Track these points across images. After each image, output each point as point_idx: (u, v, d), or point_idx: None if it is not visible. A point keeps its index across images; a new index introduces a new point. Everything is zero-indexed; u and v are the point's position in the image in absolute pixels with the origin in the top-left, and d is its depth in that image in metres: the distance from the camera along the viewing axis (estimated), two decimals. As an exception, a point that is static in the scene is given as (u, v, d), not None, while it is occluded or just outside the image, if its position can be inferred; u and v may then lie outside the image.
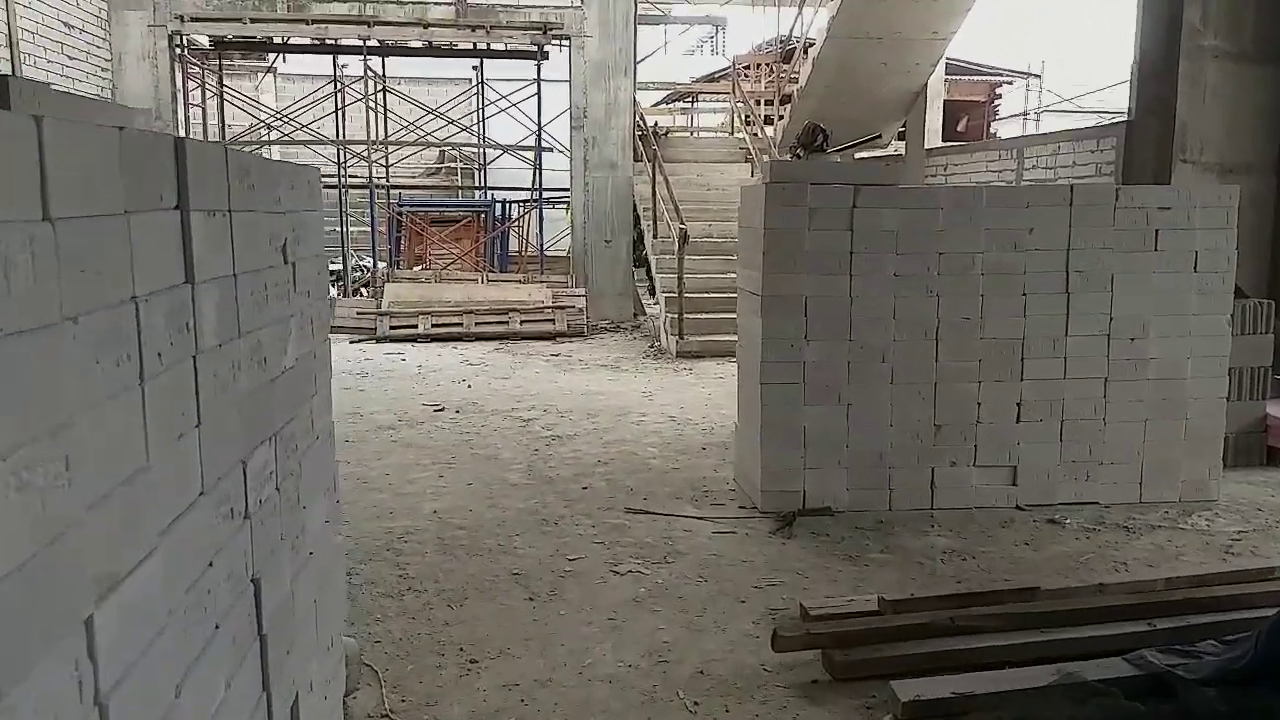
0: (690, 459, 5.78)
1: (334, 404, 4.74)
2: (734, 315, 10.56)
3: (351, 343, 10.69)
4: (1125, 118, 8.40)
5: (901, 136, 13.53)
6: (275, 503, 2.04)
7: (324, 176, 14.08)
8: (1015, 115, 18.62)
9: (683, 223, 9.84)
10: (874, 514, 4.73)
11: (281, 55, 22.50)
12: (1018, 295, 4.76)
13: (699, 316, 10.07)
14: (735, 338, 9.90)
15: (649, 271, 15.72)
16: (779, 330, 4.63)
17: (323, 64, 16.49)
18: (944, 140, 13.21)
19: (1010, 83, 18.67)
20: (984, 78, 18.52)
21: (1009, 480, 4.87)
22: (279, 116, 14.13)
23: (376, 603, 3.69)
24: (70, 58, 10.67)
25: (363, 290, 13.74)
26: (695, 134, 16.11)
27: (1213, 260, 4.81)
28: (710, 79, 16.74)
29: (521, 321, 11.07)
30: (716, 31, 25.93)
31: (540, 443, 6.18)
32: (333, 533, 2.76)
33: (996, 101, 19.26)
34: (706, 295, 10.40)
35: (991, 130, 18.58)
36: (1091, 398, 4.83)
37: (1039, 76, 19.25)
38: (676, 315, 9.77)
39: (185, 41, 13.37)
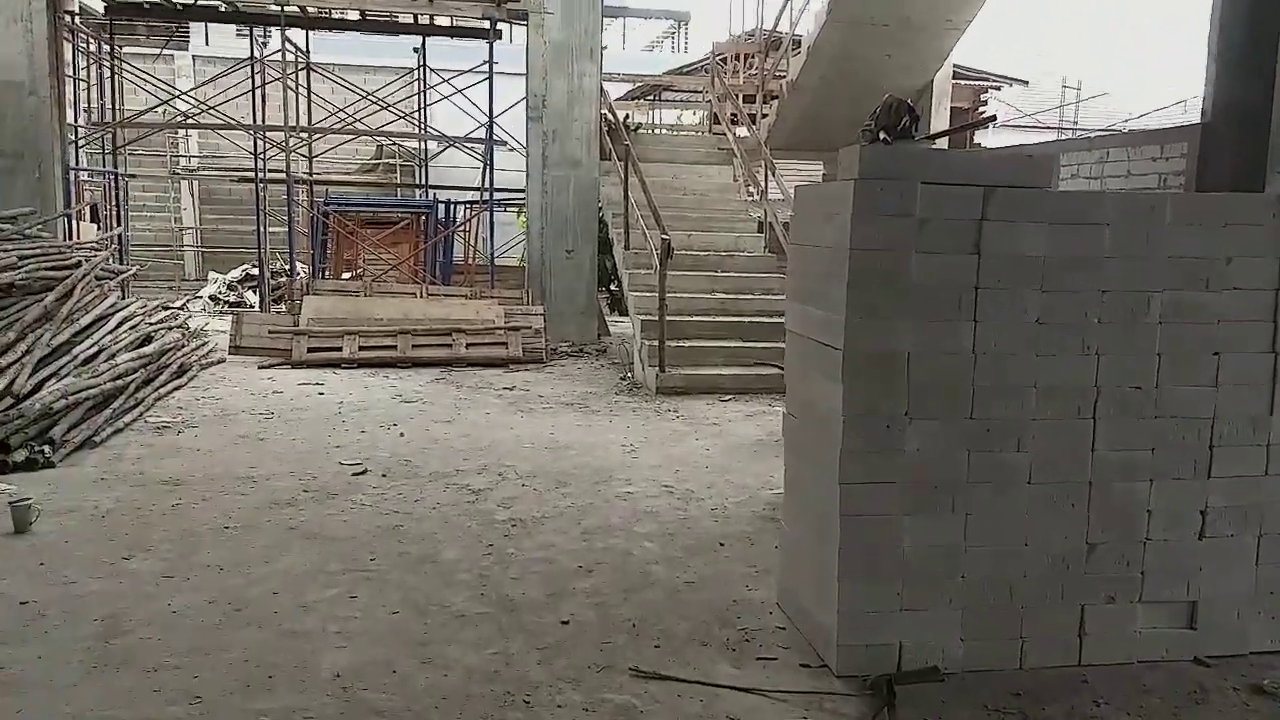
0: (707, 562, 4.17)
1: (222, 464, 3.46)
2: (722, 343, 9.12)
3: (260, 368, 8.88)
4: (1178, 120, 7.03)
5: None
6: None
7: (238, 170, 12.18)
8: (1009, 123, 17.39)
9: (665, 232, 8.24)
10: (1001, 678, 3.18)
11: (204, 37, 20.54)
12: (1208, 355, 3.26)
13: (681, 344, 8.49)
14: (724, 370, 8.44)
15: (615, 288, 14.13)
16: (869, 403, 3.06)
17: (248, 47, 14.57)
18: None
19: (998, 88, 17.44)
20: (969, 81, 17.25)
21: (1185, 621, 3.36)
22: (180, 96, 12.18)
23: None
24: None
25: (277, 303, 11.88)
26: (671, 131, 14.52)
27: None
28: (682, 71, 15.19)
29: (468, 345, 9.36)
30: (679, 26, 24.50)
31: (496, 532, 4.52)
32: None
33: (981, 108, 18.03)
34: (689, 319, 8.83)
35: (975, 141, 17.32)
36: (1304, 502, 3.35)
37: (1026, 83, 18.06)
38: (656, 343, 8.16)
39: (78, 7, 11.44)
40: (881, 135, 3.49)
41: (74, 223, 10.50)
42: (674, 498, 5.14)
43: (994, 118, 6.68)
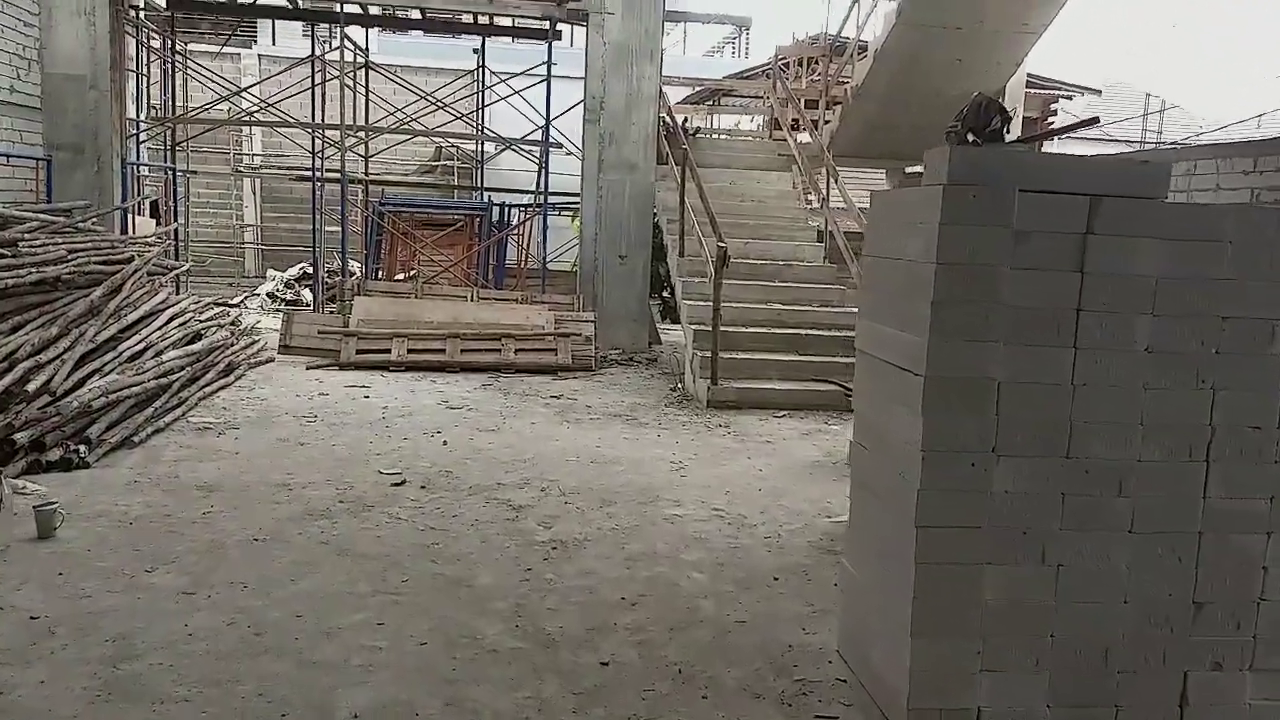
0: (760, 599, 3.85)
1: (259, 469, 3.54)
2: (777, 357, 8.75)
3: (309, 368, 8.75)
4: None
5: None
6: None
7: (295, 169, 12.13)
8: (1081, 134, 16.73)
9: (721, 239, 7.93)
10: (1094, 751, 2.81)
11: (271, 37, 20.74)
12: (1340, 392, 2.86)
13: (734, 356, 8.16)
14: (779, 385, 8.08)
15: (667, 295, 13.83)
16: (953, 437, 2.72)
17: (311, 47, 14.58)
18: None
19: (1070, 97, 16.79)
20: (1038, 90, 16.64)
21: (1303, 692, 2.95)
22: (240, 92, 12.18)
23: None
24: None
25: (330, 303, 11.80)
26: (728, 135, 14.19)
27: None
28: (742, 76, 14.85)
29: (517, 350, 9.14)
30: (740, 32, 24.16)
31: (535, 554, 4.25)
32: None
33: (1051, 119, 17.39)
34: (743, 330, 8.50)
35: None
36: None
37: (1099, 92, 17.38)
38: (709, 354, 7.85)
39: (142, 1, 11.50)
40: (970, 137, 3.15)
41: (130, 217, 10.50)
42: (724, 523, 4.82)
43: (1097, 119, 6.21)
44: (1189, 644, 2.89)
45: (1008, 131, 3.24)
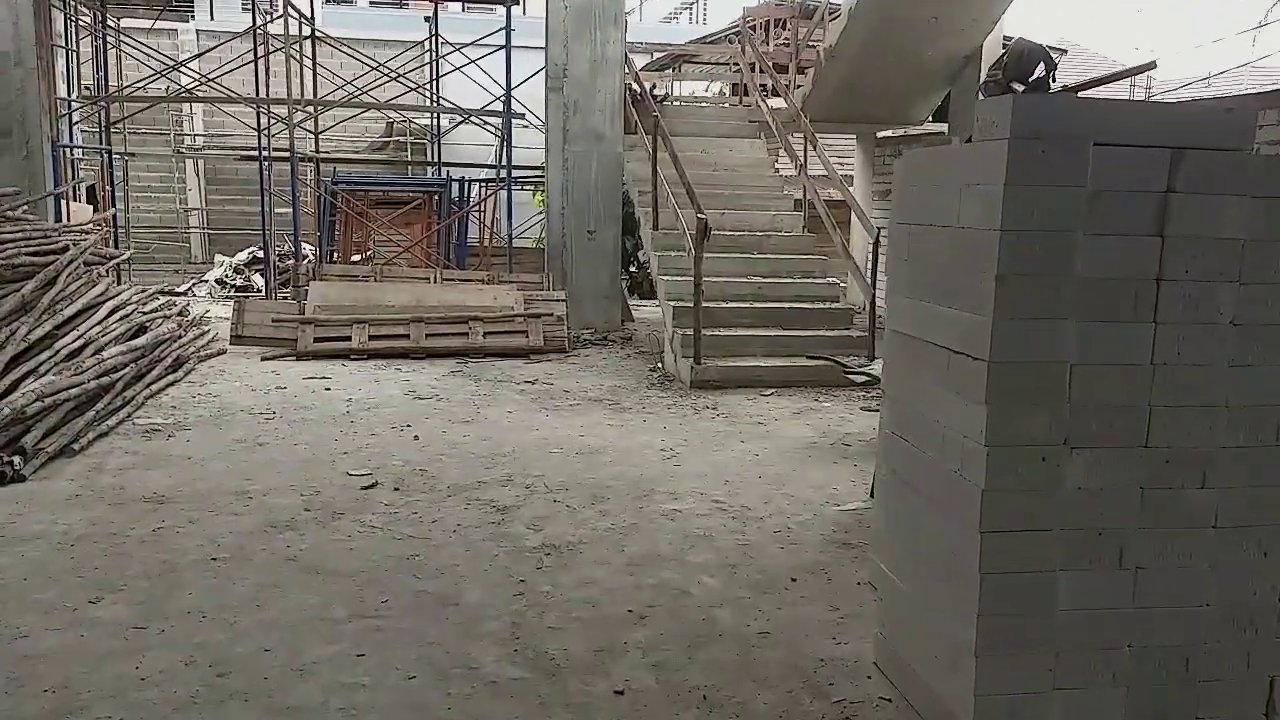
0: (780, 604, 3.51)
1: (215, 475, 3.37)
2: (760, 332, 8.35)
3: (264, 359, 8.25)
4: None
5: (941, 117, 11.35)
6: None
7: (239, 149, 11.49)
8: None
9: (700, 211, 7.53)
10: (1180, 774, 2.51)
11: (209, 11, 19.83)
12: None
13: (716, 333, 7.81)
14: (764, 361, 7.73)
15: (634, 270, 13.43)
16: (1021, 429, 2.37)
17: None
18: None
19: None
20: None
21: (1398, 695, 2.68)
22: (176, 67, 11.50)
23: None
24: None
25: (283, 288, 11.23)
26: (696, 102, 13.74)
27: None
28: (706, 41, 14.38)
29: (485, 334, 8.69)
30: (698, -2, 23.62)
31: (527, 563, 3.86)
32: None
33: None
34: (724, 305, 8.14)
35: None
36: None
37: (1064, 52, 17.17)
38: (690, 332, 7.47)
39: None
40: (1013, 86, 2.79)
41: (65, 204, 9.84)
42: (728, 516, 4.47)
43: (1154, 64, 5.87)
44: (1275, 646, 2.60)
45: (1053, 80, 2.89)
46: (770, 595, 3.58)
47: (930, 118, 11.67)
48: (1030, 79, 2.85)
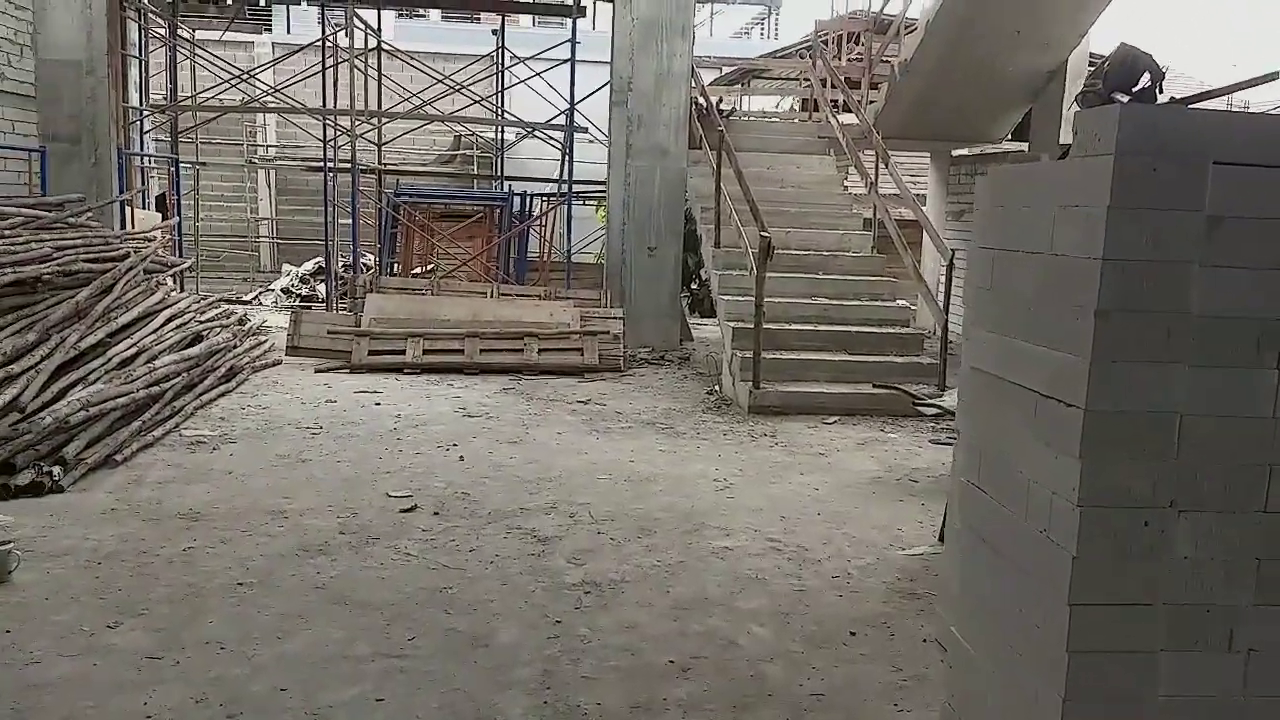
0: (836, 661, 3.20)
1: (253, 493, 3.17)
2: (824, 356, 7.94)
3: (317, 371, 8.18)
4: None
5: (1021, 136, 10.90)
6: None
7: (310, 160, 11.52)
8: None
9: (764, 229, 7.26)
10: None
11: (286, 25, 20.21)
12: None
13: (778, 356, 7.51)
14: (827, 388, 7.40)
15: (695, 288, 13.17)
16: (1122, 487, 2.06)
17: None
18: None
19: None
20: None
21: None
22: (243, 78, 11.60)
23: None
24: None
25: (343, 299, 11.22)
26: (764, 117, 13.45)
27: None
28: (776, 55, 14.10)
29: (540, 350, 8.52)
30: (770, 12, 23.39)
31: (565, 601, 3.62)
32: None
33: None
34: (787, 327, 7.84)
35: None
36: None
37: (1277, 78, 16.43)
38: (749, 355, 7.19)
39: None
40: (1114, 97, 2.48)
41: (130, 211, 9.95)
42: (783, 557, 4.17)
43: (1277, 74, 5.47)
44: None
45: (1160, 91, 2.57)
46: (826, 650, 3.28)
47: (1009, 135, 11.23)
48: (1135, 89, 2.54)
